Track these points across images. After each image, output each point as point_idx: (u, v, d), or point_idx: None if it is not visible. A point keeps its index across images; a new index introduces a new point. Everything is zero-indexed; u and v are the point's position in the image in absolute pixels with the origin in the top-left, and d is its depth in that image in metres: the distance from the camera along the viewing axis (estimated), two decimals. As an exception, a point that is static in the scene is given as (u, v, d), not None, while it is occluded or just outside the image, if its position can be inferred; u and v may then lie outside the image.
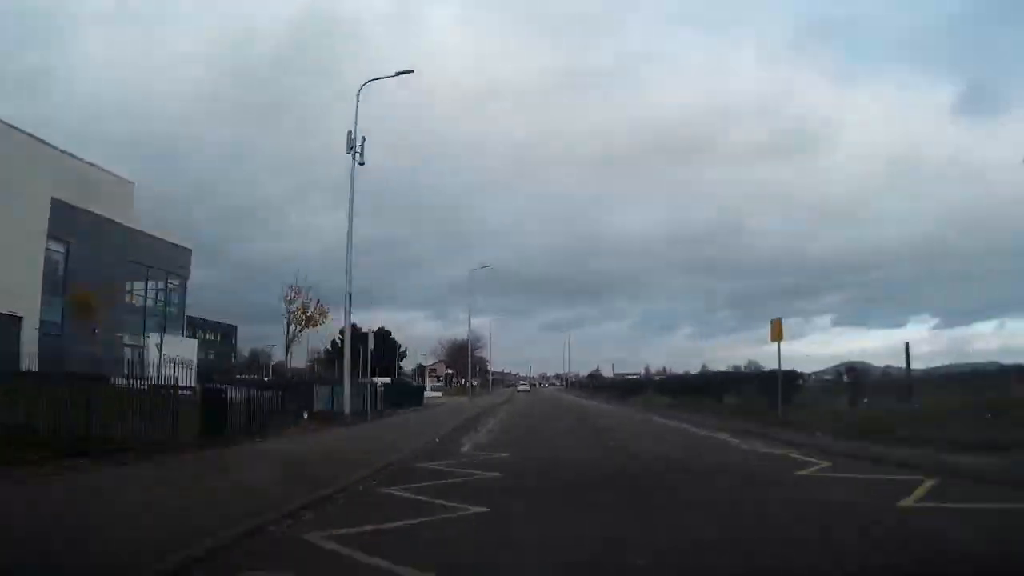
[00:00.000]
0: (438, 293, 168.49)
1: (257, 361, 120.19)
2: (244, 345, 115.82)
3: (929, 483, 9.82)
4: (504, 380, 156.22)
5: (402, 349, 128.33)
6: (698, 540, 6.79)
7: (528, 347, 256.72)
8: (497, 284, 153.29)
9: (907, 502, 8.62)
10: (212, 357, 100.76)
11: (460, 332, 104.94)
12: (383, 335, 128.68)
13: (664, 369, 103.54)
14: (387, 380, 45.40)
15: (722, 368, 60.59)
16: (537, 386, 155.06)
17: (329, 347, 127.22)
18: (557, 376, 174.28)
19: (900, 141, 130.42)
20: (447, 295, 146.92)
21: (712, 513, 8.27)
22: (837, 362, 47.39)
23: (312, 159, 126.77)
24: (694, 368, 78.15)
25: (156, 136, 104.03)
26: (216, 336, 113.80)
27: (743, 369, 64.19)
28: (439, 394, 67.83)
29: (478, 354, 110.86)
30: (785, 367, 29.61)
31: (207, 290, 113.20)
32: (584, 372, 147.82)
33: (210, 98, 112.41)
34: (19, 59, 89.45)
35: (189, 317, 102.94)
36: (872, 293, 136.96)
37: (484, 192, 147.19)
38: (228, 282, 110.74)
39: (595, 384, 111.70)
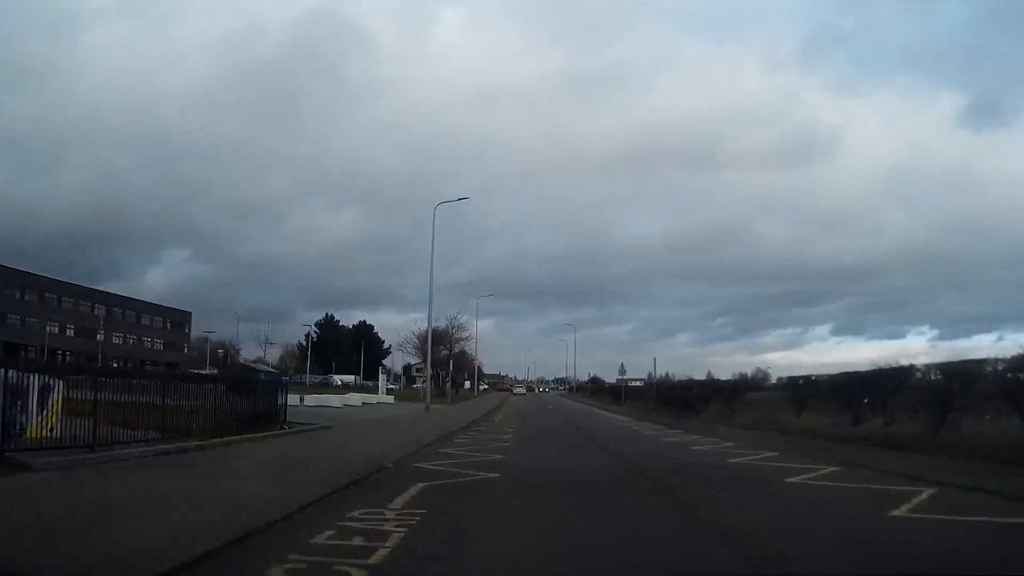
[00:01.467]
0: (440, 295, 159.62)
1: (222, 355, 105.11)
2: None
3: None
4: (501, 382, 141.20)
5: (386, 346, 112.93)
6: None
7: (525, 351, 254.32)
8: (497, 286, 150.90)
9: None
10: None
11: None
12: (364, 329, 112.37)
13: (668, 375, 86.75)
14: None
15: (726, 376, 41.26)
16: (536, 390, 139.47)
17: (303, 340, 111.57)
18: (556, 380, 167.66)
19: (903, 151, 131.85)
20: (449, 297, 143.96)
21: None
22: (835, 371, 31.83)
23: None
24: (697, 375, 60.01)
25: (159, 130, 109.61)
26: (165, 323, 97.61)
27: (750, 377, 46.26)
28: (390, 400, 46.57)
29: (462, 347, 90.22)
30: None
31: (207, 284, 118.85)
32: (580, 377, 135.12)
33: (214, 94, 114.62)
34: (26, 52, 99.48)
35: (122, 297, 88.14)
36: (872, 303, 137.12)
37: (488, 194, 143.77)
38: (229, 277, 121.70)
39: (599, 388, 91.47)
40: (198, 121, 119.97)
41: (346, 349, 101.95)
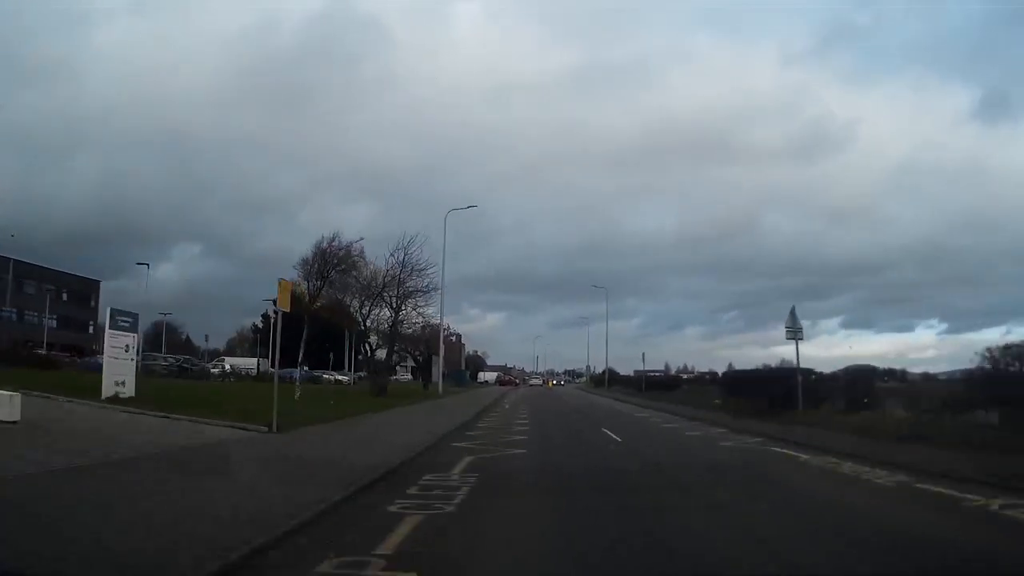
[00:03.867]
0: (448, 288, 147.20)
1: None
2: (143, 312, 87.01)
3: None
4: (507, 374, 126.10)
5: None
6: None
7: (534, 339, 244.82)
8: (506, 280, 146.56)
9: None
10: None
11: (467, 326, 64.28)
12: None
13: (687, 367, 74.15)
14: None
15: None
16: (549, 383, 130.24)
17: (259, 322, 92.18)
18: (567, 372, 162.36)
19: (914, 145, 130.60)
20: (457, 291, 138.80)
21: None
22: (846, 364, 29.09)
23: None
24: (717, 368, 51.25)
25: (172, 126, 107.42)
26: (62, 293, 76.55)
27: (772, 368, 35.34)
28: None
29: (427, 310, 49.30)
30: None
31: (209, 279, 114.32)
32: (594, 365, 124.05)
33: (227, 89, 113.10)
34: (42, 48, 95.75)
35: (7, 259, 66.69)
36: (882, 296, 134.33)
37: (499, 188, 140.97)
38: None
39: (659, 381, 61.71)
40: (212, 117, 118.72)
41: (315, 334, 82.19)
